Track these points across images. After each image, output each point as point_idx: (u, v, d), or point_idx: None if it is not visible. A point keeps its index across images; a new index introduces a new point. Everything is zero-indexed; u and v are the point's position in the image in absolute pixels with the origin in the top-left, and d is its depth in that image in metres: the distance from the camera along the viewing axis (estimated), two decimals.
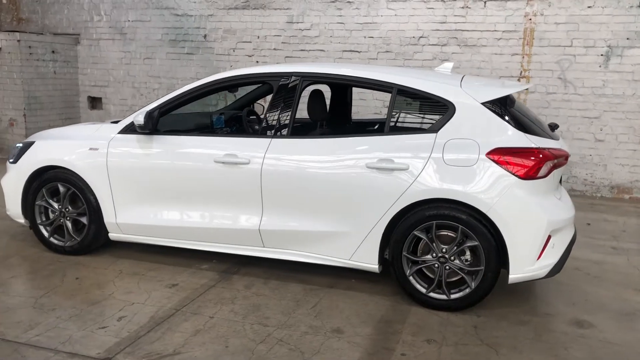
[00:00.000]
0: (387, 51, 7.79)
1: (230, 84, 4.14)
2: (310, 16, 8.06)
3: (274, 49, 8.30)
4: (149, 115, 4.00)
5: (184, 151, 4.02)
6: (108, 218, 4.24)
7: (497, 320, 3.49)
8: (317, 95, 4.22)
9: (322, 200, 3.73)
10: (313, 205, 3.76)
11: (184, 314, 3.47)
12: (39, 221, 4.47)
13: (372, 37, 7.83)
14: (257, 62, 8.37)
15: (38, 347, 3.03)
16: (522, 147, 3.44)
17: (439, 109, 3.64)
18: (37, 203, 4.43)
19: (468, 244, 3.49)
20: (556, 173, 3.59)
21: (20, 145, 4.59)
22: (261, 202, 3.86)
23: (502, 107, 3.61)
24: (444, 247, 3.54)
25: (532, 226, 3.39)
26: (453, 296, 3.57)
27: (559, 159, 3.54)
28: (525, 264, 3.42)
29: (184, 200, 4.07)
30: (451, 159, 3.47)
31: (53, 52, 8.95)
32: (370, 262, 3.72)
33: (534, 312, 3.64)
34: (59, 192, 4.38)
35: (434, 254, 3.58)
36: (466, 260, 3.55)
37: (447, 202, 3.48)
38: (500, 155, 3.41)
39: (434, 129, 3.59)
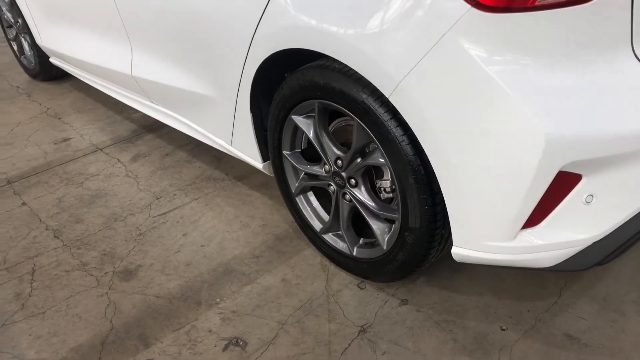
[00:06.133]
0: None
1: None
2: None
3: None
4: None
5: None
6: (37, 39, 3.30)
7: (419, 316, 1.63)
8: None
9: (180, 38, 2.06)
10: (174, 44, 2.12)
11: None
12: (8, 36, 3.80)
13: None
14: None
15: None
16: None
17: None
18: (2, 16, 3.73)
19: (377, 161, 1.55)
20: None
21: None
22: (126, 33, 2.38)
23: None
24: (340, 156, 1.67)
25: (505, 140, 1.22)
26: (358, 251, 1.77)
27: None
28: (485, 229, 1.35)
29: (71, 21, 2.82)
30: None
31: None
32: (252, 154, 2.05)
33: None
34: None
35: (326, 165, 1.74)
36: (385, 190, 1.64)
37: (338, 62, 1.50)
38: None
39: None
